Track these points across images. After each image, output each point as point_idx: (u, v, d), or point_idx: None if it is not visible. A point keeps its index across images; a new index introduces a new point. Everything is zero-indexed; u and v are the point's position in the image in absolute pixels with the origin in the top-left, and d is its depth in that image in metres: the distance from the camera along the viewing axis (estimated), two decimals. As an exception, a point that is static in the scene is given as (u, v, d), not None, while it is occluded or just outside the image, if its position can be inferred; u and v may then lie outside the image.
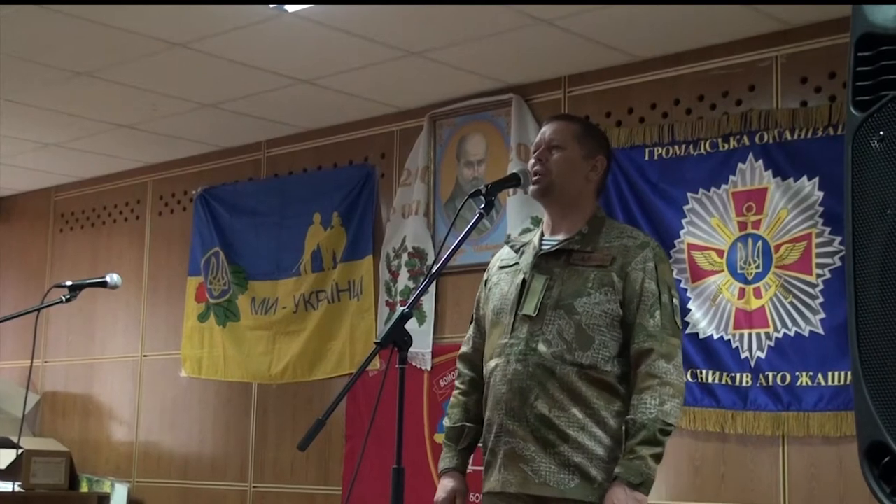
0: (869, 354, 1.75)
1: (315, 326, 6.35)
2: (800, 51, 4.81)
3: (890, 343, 1.71)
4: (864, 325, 1.75)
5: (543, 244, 3.07)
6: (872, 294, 1.74)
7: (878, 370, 1.73)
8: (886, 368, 1.72)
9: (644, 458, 2.80)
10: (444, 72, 5.48)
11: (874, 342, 1.73)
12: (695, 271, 4.92)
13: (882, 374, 1.73)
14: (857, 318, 1.76)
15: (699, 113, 5.08)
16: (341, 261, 6.31)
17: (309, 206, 6.50)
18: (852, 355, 1.77)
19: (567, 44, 5.07)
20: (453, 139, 5.95)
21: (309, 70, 5.54)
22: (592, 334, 2.91)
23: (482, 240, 5.69)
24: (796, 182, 4.69)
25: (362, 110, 6.19)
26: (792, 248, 4.67)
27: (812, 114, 4.70)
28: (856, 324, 1.76)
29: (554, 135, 3.08)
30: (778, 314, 4.68)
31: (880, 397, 1.74)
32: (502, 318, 3.04)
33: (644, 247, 2.99)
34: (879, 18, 1.89)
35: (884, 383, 1.73)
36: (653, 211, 5.07)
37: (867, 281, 1.75)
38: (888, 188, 1.75)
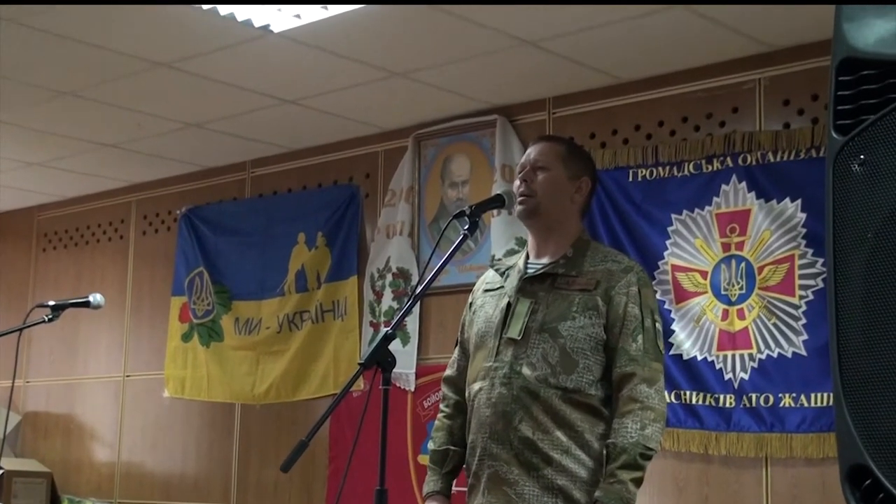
0: (850, 377, 1.75)
1: (299, 347, 6.34)
2: (782, 73, 4.85)
3: (871, 366, 1.71)
4: (846, 348, 1.75)
5: (528, 267, 3.07)
6: (854, 317, 1.75)
7: (860, 393, 1.73)
8: (867, 391, 1.72)
9: (624, 483, 2.80)
10: (428, 92, 5.50)
11: (855, 365, 1.74)
12: (679, 293, 4.93)
13: (863, 397, 1.73)
14: (839, 341, 1.76)
15: (683, 134, 5.10)
16: (325, 281, 6.30)
17: (293, 226, 6.50)
18: (834, 378, 1.77)
19: (552, 65, 5.09)
20: (438, 160, 5.96)
21: (294, 90, 5.55)
22: (577, 358, 2.91)
23: (466, 260, 5.69)
24: (779, 204, 4.71)
25: (347, 131, 6.20)
26: (775, 270, 4.69)
27: (795, 136, 4.73)
28: (837, 347, 1.77)
29: (539, 156, 3.09)
30: (761, 335, 4.69)
31: (861, 420, 1.74)
32: (487, 342, 3.04)
33: (628, 271, 3.00)
34: (860, 43, 1.90)
35: (865, 406, 1.73)
36: (637, 232, 5.09)
37: (848, 304, 1.76)
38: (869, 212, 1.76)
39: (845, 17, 1.93)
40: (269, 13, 4.59)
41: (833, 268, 1.80)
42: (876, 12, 1.91)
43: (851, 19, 1.92)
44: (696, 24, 4.58)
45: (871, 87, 1.87)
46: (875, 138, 1.82)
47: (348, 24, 4.66)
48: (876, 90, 1.87)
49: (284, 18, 4.63)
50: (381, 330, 5.85)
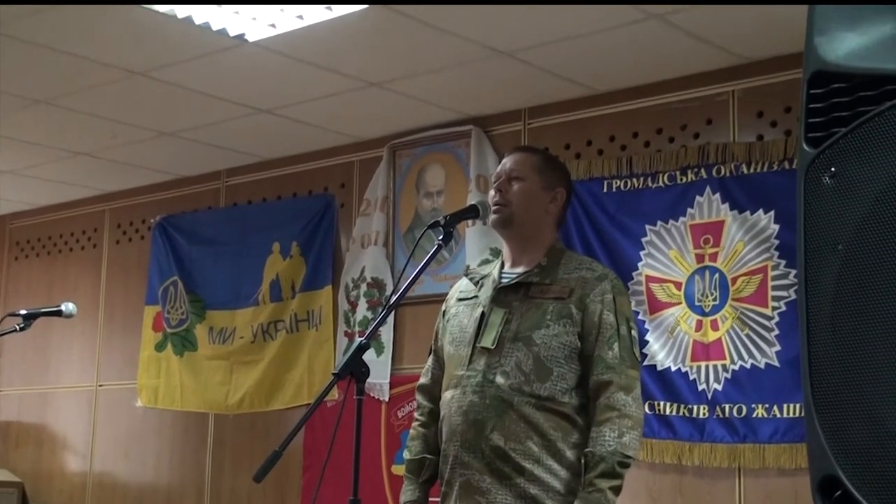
0: (821, 388, 1.77)
1: (273, 356, 6.32)
2: (756, 85, 4.88)
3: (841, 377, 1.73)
4: (816, 360, 1.76)
5: (503, 277, 3.07)
6: (824, 329, 1.76)
7: (830, 404, 1.74)
8: (838, 403, 1.73)
9: (603, 491, 2.80)
10: (404, 102, 5.50)
11: (826, 376, 1.75)
12: (653, 303, 4.95)
13: (834, 409, 1.74)
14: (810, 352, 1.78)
15: (657, 146, 5.13)
16: (300, 290, 6.29)
17: (268, 235, 6.49)
18: (804, 389, 1.79)
19: (527, 76, 5.11)
20: (413, 170, 5.96)
21: (269, 100, 5.54)
22: (550, 366, 2.91)
23: (441, 270, 5.70)
24: (752, 215, 4.74)
25: (322, 140, 6.19)
26: (748, 281, 4.71)
27: (768, 148, 4.75)
28: (808, 358, 1.78)
29: (514, 166, 3.10)
30: (735, 346, 4.72)
31: (832, 431, 1.75)
32: (460, 350, 3.04)
33: (603, 279, 3.00)
34: (831, 56, 1.92)
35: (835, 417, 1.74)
36: (611, 243, 5.10)
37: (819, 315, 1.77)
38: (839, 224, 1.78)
39: (817, 31, 1.94)
40: (245, 22, 4.58)
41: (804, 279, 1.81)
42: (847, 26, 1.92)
43: (823, 33, 1.94)
44: (670, 36, 4.60)
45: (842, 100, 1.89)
46: (846, 151, 1.83)
47: (324, 34, 4.66)
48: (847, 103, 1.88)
49: (259, 28, 4.63)
50: (356, 340, 5.84)
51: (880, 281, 1.68)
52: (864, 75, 1.84)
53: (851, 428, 1.71)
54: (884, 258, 1.68)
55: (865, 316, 1.70)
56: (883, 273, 1.68)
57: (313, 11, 4.46)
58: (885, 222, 1.69)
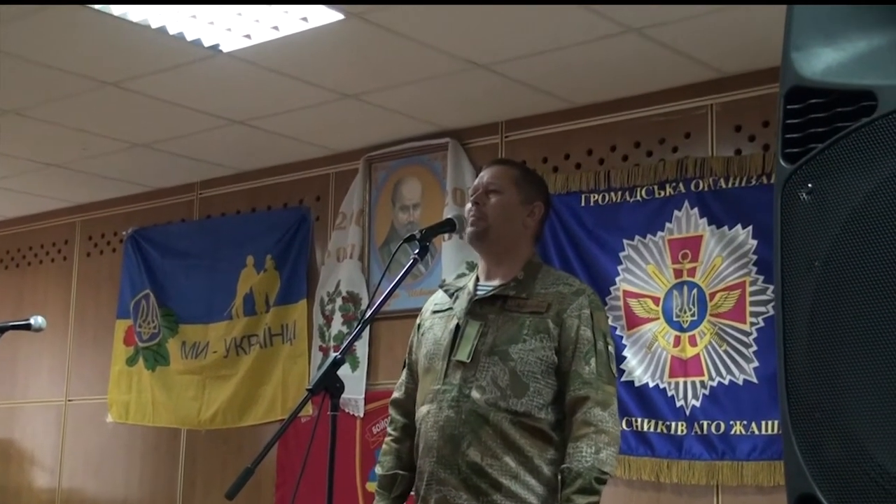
0: (797, 406, 1.77)
1: (246, 371, 6.31)
2: (734, 99, 4.91)
3: (817, 395, 1.73)
4: (793, 377, 1.77)
5: (478, 289, 3.07)
6: (800, 346, 1.76)
7: (806, 422, 1.75)
8: (814, 421, 1.74)
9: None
10: (380, 115, 5.50)
11: (802, 394, 1.76)
12: (630, 319, 4.96)
13: (810, 427, 1.75)
14: (786, 369, 1.78)
15: (635, 160, 5.15)
16: (274, 304, 6.28)
17: (242, 248, 6.48)
18: (781, 407, 1.79)
19: (504, 89, 5.12)
20: (389, 183, 5.97)
21: (243, 111, 5.53)
22: (527, 381, 2.91)
23: (416, 285, 5.69)
24: (731, 230, 4.76)
25: (297, 152, 6.19)
26: (726, 297, 4.73)
27: (746, 162, 4.78)
28: (784, 375, 1.78)
29: (492, 179, 3.10)
30: (713, 362, 4.73)
31: (808, 450, 1.76)
32: (435, 364, 3.03)
33: (580, 294, 3.01)
34: (808, 72, 1.93)
35: (811, 436, 1.75)
36: (589, 257, 5.12)
37: (795, 333, 1.77)
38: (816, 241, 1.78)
39: (793, 46, 1.96)
40: (219, 32, 4.58)
41: (781, 296, 1.82)
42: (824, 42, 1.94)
43: (799, 48, 1.95)
44: (648, 50, 4.63)
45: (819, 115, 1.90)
46: (823, 167, 1.84)
47: (299, 45, 4.66)
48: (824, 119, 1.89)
49: (234, 38, 4.63)
50: (331, 354, 5.82)
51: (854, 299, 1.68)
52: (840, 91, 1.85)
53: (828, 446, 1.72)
54: (857, 276, 1.69)
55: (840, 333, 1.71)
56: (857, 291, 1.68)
57: (289, 22, 4.46)
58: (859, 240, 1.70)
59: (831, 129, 1.86)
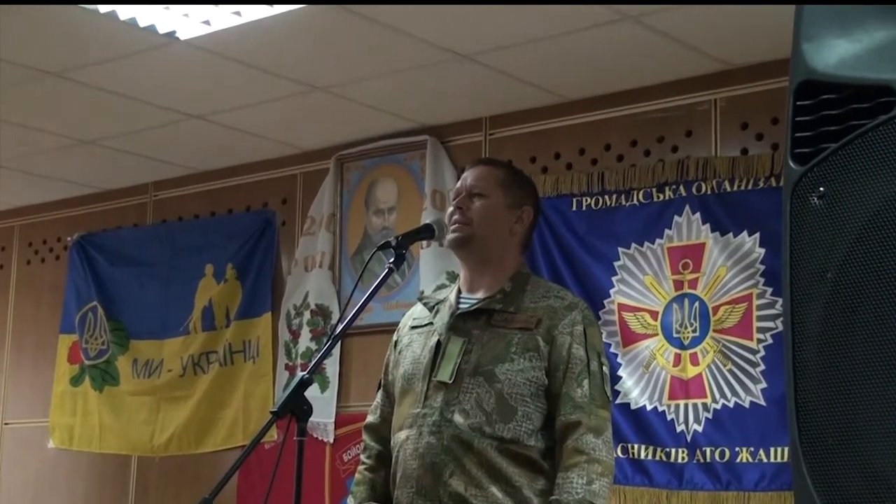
0: (808, 431, 1.77)
1: (204, 392, 6.30)
2: (740, 94, 4.92)
3: (831, 420, 1.74)
4: (804, 399, 1.77)
5: (461, 302, 3.06)
6: (811, 365, 1.77)
7: (819, 449, 1.75)
8: (826, 446, 1.74)
9: (571, 543, 2.81)
10: (352, 109, 5.50)
11: (814, 418, 1.76)
12: (626, 335, 4.97)
13: (823, 455, 1.75)
14: (796, 390, 1.79)
15: (632, 160, 5.16)
16: (236, 318, 6.27)
17: (200, 256, 6.47)
18: (791, 431, 1.80)
19: (488, 81, 5.13)
20: (362, 184, 5.97)
21: (203, 104, 5.53)
22: (515, 405, 2.91)
23: (392, 297, 5.69)
24: (736, 237, 4.78)
25: (261, 150, 6.18)
26: (731, 311, 4.74)
27: (753, 163, 4.80)
28: (794, 397, 1.79)
29: (476, 181, 3.10)
30: (716, 383, 4.74)
31: (820, 477, 1.76)
32: (414, 385, 3.02)
33: (572, 308, 3.01)
34: (820, 64, 1.94)
35: (824, 462, 1.75)
36: (580, 267, 5.13)
37: (806, 350, 1.78)
38: (828, 250, 1.79)
39: (804, 37, 1.96)
40: (176, 18, 4.57)
41: (790, 310, 1.82)
42: (837, 32, 1.95)
43: (811, 39, 1.96)
44: (647, 40, 4.64)
45: (832, 112, 1.91)
46: (836, 169, 1.85)
47: (264, 33, 4.66)
48: (837, 116, 1.90)
49: (192, 25, 4.62)
50: (298, 374, 5.82)
51: (871, 313, 1.69)
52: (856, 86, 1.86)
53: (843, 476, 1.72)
54: (875, 288, 1.69)
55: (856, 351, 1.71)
56: (873, 305, 1.69)
57: (252, 7, 4.45)
58: (877, 248, 1.71)
59: (845, 128, 1.87)
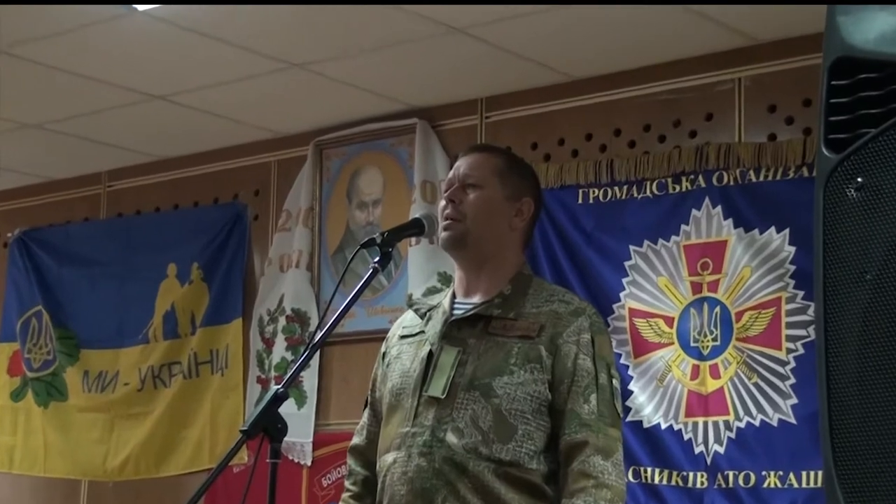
0: (844, 453, 1.77)
1: (166, 408, 6.30)
2: (768, 72, 4.92)
3: (869, 439, 1.73)
4: (839, 417, 1.77)
5: (455, 308, 3.06)
6: (848, 378, 1.77)
7: (856, 473, 1.75)
8: (865, 471, 1.74)
9: (577, 578, 2.81)
10: (333, 89, 5.50)
11: (850, 437, 1.76)
12: (638, 344, 4.98)
13: (860, 478, 1.75)
14: (830, 407, 1.78)
15: (645, 146, 5.16)
16: (202, 325, 6.28)
17: (161, 255, 6.47)
18: (824, 453, 1.79)
19: (485, 58, 5.12)
20: (343, 173, 5.97)
21: (164, 83, 5.52)
22: (515, 422, 2.90)
23: (377, 301, 5.70)
24: (762, 234, 4.78)
25: (231, 135, 6.18)
26: (757, 317, 4.75)
27: (782, 150, 4.80)
28: (828, 414, 1.79)
29: (470, 170, 3.09)
30: (740, 398, 4.75)
31: (857, 503, 1.77)
32: (403, 401, 3.02)
33: (579, 314, 3.00)
34: (858, 39, 1.94)
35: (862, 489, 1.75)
36: (587, 267, 5.14)
37: (842, 361, 1.77)
38: (868, 248, 1.79)
39: (840, 9, 1.96)
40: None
41: (823, 316, 1.82)
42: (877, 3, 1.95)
43: (848, 11, 1.96)
44: (662, 11, 4.64)
45: (871, 94, 1.90)
46: (876, 157, 1.85)
47: (234, 3, 4.65)
48: (877, 98, 1.90)
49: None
50: (271, 387, 5.81)
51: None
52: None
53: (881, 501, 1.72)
54: (922, 291, 1.70)
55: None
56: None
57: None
58: (926, 246, 1.71)
59: (886, 111, 1.87)
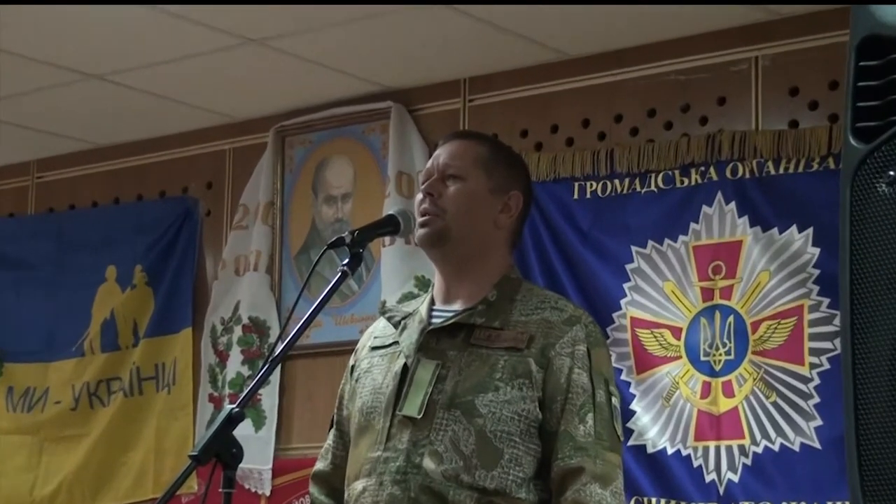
0: (874, 481, 1.77)
1: (104, 430, 6.29)
2: (789, 50, 4.93)
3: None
4: (868, 441, 1.77)
5: (434, 316, 3.06)
6: (879, 397, 1.76)
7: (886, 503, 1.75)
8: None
9: None
10: (296, 68, 5.50)
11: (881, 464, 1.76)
12: (641, 358, 4.99)
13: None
14: (858, 429, 1.78)
15: (649, 134, 5.17)
16: (146, 336, 6.27)
17: (99, 255, 6.46)
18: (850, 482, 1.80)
19: (468, 33, 5.12)
20: (308, 164, 5.97)
21: (102, 61, 5.51)
22: (501, 446, 2.90)
23: (346, 308, 5.70)
24: (782, 234, 4.79)
25: (179, 120, 6.17)
26: (776, 327, 4.76)
27: (804, 139, 4.81)
28: (856, 438, 1.79)
29: (451, 160, 3.09)
30: (757, 420, 4.75)
31: (890, 539, 1.77)
32: (374, 421, 3.01)
33: (573, 323, 3.00)
34: (889, 16, 1.94)
35: (895, 523, 1.76)
36: (583, 271, 5.14)
37: (872, 378, 1.77)
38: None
39: (869, -19, 1.97)
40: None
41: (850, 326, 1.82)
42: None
43: (877, -16, 1.97)
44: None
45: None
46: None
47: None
48: (911, 81, 1.91)
49: (89, -40, 4.60)
50: (225, 407, 5.80)
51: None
52: (935, 44, 1.87)
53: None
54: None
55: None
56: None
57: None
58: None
59: (922, 96, 1.87)
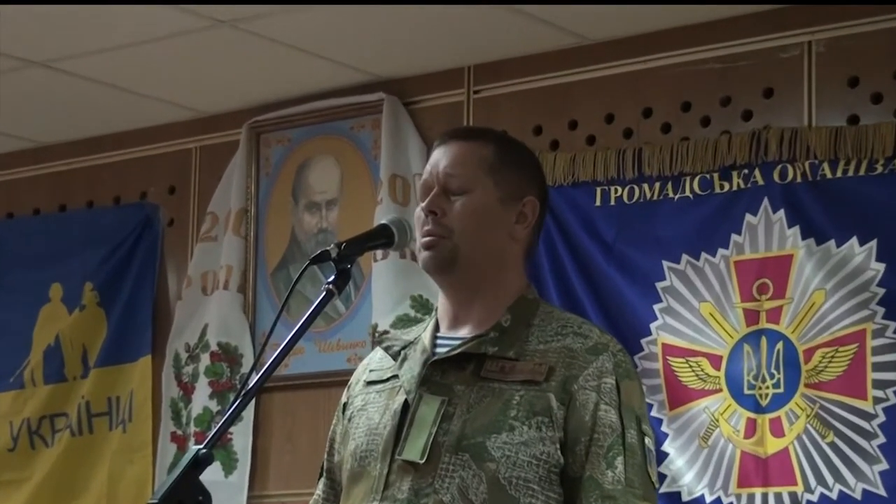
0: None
1: (48, 474, 6.32)
2: (849, 34, 4.93)
3: None
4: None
5: (439, 344, 3.06)
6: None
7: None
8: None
9: None
10: (273, 54, 5.52)
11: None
12: (674, 391, 4.99)
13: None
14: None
15: (683, 131, 5.17)
16: (97, 365, 6.29)
17: (42, 272, 6.49)
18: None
19: (473, 14, 5.13)
20: (288, 165, 5.98)
21: (49, 46, 5.52)
22: (516, 494, 2.89)
23: (332, 333, 5.71)
24: (840, 247, 4.79)
25: (139, 115, 6.19)
26: (834, 355, 4.75)
27: (866, 136, 4.80)
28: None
29: (452, 168, 3.05)
30: (811, 463, 4.75)
31: None
32: (369, 467, 3.01)
33: (599, 351, 2.99)
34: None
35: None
36: (607, 290, 5.15)
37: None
38: None
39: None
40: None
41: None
42: None
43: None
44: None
45: None
46: None
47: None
48: None
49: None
50: (190, 447, 5.78)
51: None
52: None
53: None
54: None
55: None
56: None
57: None
58: None
59: None
